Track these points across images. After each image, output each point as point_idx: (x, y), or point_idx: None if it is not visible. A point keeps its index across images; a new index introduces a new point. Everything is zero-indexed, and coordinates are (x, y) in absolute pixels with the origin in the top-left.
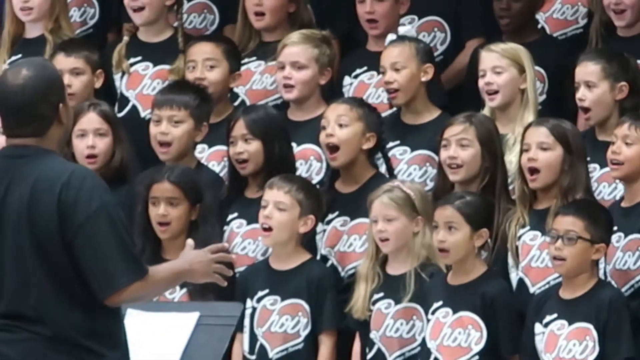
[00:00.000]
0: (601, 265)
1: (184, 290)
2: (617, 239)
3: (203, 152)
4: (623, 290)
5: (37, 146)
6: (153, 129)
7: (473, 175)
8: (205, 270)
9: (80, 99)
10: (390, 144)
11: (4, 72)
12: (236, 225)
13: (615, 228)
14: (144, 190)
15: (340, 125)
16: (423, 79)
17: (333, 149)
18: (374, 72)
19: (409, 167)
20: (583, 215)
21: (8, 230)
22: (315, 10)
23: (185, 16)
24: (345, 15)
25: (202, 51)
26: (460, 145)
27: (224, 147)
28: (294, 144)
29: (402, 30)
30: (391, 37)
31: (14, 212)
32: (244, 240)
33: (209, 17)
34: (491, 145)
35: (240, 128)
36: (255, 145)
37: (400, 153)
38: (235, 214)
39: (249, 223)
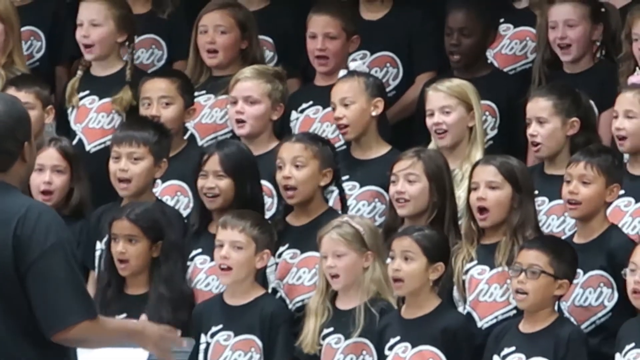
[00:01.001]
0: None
1: None
2: (577, 275)
3: (157, 187)
4: (584, 326)
5: None
6: (112, 166)
7: (421, 210)
8: (156, 342)
9: None
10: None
11: None
12: (200, 262)
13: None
14: (107, 227)
15: (297, 166)
16: (373, 114)
17: (290, 189)
18: (320, 107)
19: (358, 202)
20: (547, 250)
21: None
22: (279, 45)
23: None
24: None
25: (157, 88)
26: (407, 180)
27: (177, 182)
28: None
29: (352, 65)
30: (342, 72)
31: None
32: (207, 277)
33: (157, 52)
34: (440, 181)
35: (213, 163)
36: (226, 182)
37: (349, 188)
38: (199, 250)
39: (212, 259)
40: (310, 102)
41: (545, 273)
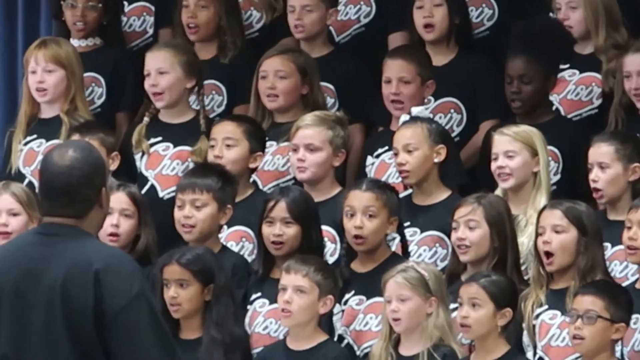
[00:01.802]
0: (618, 348)
1: None
2: (635, 320)
3: (222, 232)
4: None
5: (76, 227)
6: (177, 213)
7: (483, 256)
8: None
9: None
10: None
11: (49, 153)
12: (259, 305)
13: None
14: (159, 272)
15: (369, 216)
16: (435, 160)
17: (361, 238)
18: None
19: (419, 248)
20: (603, 295)
21: (41, 305)
22: (340, 92)
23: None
24: (370, 99)
25: (223, 130)
26: (468, 227)
27: (243, 228)
28: None
29: (414, 111)
30: (404, 117)
31: (47, 289)
32: (265, 320)
33: (217, 98)
34: (501, 226)
35: (280, 210)
36: (294, 229)
37: (410, 234)
38: (259, 294)
39: (271, 303)
40: (386, 148)
41: (602, 318)
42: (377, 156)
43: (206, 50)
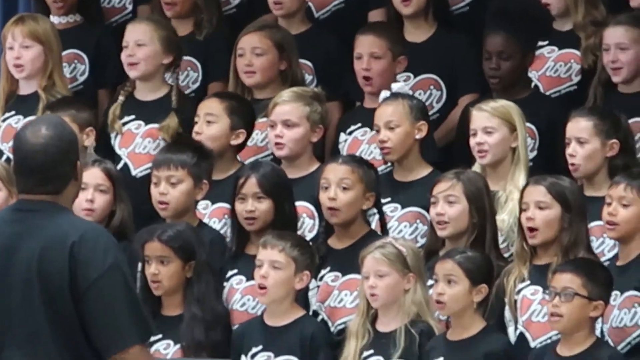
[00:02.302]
0: (598, 325)
1: (178, 346)
2: (614, 297)
3: (207, 209)
4: (619, 347)
5: (53, 203)
6: (153, 190)
7: (461, 232)
8: None
9: None
10: (382, 201)
11: (22, 131)
12: (236, 282)
13: (612, 291)
14: (140, 249)
15: (343, 188)
16: (417, 137)
17: (334, 210)
18: (367, 129)
19: (400, 224)
20: (580, 272)
21: (18, 283)
22: (319, 69)
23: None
24: (348, 75)
25: (206, 106)
26: (447, 202)
27: (226, 205)
28: None
29: (395, 87)
30: (384, 94)
31: (24, 266)
32: (243, 297)
33: (192, 74)
34: (480, 202)
35: (251, 186)
36: (266, 204)
37: (391, 210)
38: (235, 271)
39: (248, 279)
40: (359, 124)
41: (580, 295)
42: (350, 133)
43: (182, 27)
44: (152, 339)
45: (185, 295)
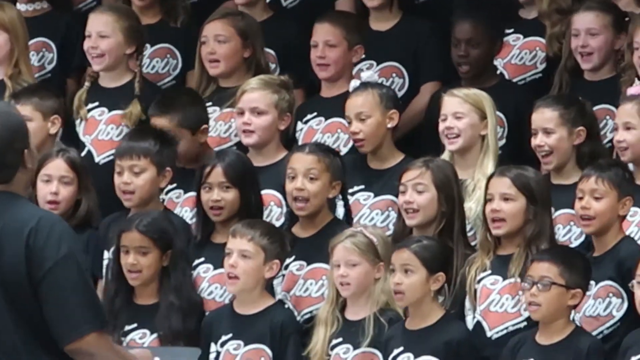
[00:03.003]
0: (571, 315)
1: (155, 335)
2: (589, 287)
3: (180, 198)
4: None
5: (5, 191)
6: (116, 179)
7: (430, 220)
8: None
9: None
10: (355, 188)
11: None
12: (203, 270)
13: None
14: (115, 238)
15: (310, 178)
16: (389, 126)
17: (302, 200)
18: (322, 118)
19: (372, 211)
20: (558, 261)
21: None
22: (282, 57)
23: (147, 60)
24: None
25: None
26: (416, 190)
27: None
28: None
29: (364, 76)
30: (354, 83)
31: None
32: (210, 285)
33: (172, 61)
34: (448, 190)
35: (217, 175)
36: (232, 193)
37: (364, 198)
38: (202, 259)
39: (215, 268)
40: (315, 113)
41: (557, 284)
42: (306, 122)
43: (151, 14)
44: (127, 328)
45: (161, 284)
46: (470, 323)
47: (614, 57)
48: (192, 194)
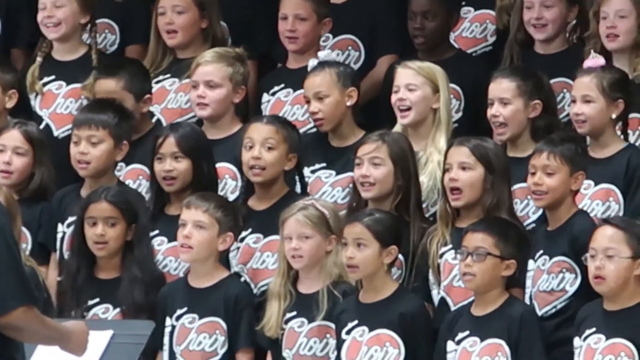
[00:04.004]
0: (527, 290)
1: (118, 310)
2: (543, 262)
3: (121, 170)
4: (544, 310)
5: None
6: (73, 149)
7: (386, 193)
8: (81, 344)
9: None
10: (317, 166)
11: None
12: (157, 243)
13: (541, 251)
14: (80, 210)
15: (267, 148)
16: (348, 104)
17: (258, 168)
18: (290, 90)
19: (333, 189)
20: (492, 231)
21: None
22: (233, 30)
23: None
24: (264, 34)
25: (104, 91)
26: (372, 164)
27: (140, 166)
28: None
29: (322, 55)
30: (312, 63)
31: None
32: (165, 258)
33: (110, 37)
34: (404, 164)
35: (170, 145)
36: (185, 164)
37: (325, 176)
38: (157, 232)
39: (169, 240)
40: (282, 85)
41: (492, 255)
42: (273, 94)
43: None
44: (89, 303)
45: (123, 258)
46: (435, 298)
47: (565, 31)
48: (134, 166)
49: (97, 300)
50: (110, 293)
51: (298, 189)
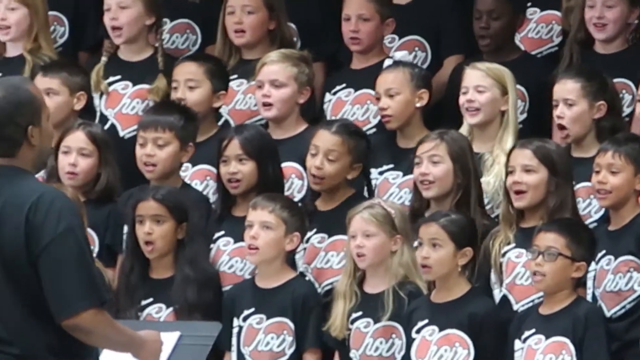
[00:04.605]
0: (589, 291)
1: (171, 309)
2: (607, 262)
3: (187, 171)
4: (614, 311)
5: (9, 166)
6: (139, 151)
7: (446, 192)
8: (154, 354)
9: (52, 120)
10: (384, 167)
11: None
12: (223, 244)
13: (604, 251)
14: (131, 210)
15: (330, 160)
16: (418, 105)
17: (318, 178)
18: (352, 90)
19: (401, 190)
20: (565, 232)
21: None
22: (301, 32)
23: (167, 36)
24: (332, 37)
25: (184, 71)
26: (432, 162)
27: (207, 167)
28: None
29: (397, 55)
30: (387, 62)
31: None
32: (231, 259)
33: (192, 37)
34: (464, 162)
35: (234, 148)
36: (249, 166)
37: (393, 177)
38: (222, 232)
39: (236, 241)
40: (344, 85)
41: (563, 255)
42: (335, 93)
43: None
44: (143, 303)
45: (176, 257)
46: (497, 297)
47: (626, 31)
48: (201, 167)
49: (150, 300)
50: (163, 292)
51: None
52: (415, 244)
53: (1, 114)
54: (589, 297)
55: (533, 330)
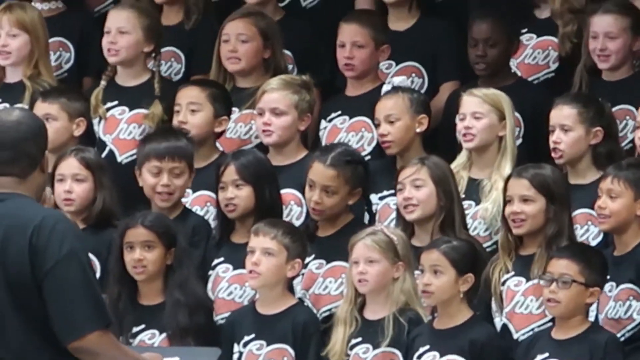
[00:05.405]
0: (592, 313)
1: (164, 335)
2: (610, 288)
3: (187, 197)
4: None
5: (13, 192)
6: (150, 180)
7: (429, 215)
8: None
9: (51, 145)
10: (385, 193)
11: None
12: (222, 270)
13: (607, 277)
14: (118, 237)
15: (328, 192)
16: (417, 130)
17: (319, 210)
18: (347, 117)
19: None
20: (578, 259)
21: None
22: (296, 58)
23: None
24: (327, 63)
25: (187, 95)
26: (414, 186)
27: (207, 193)
28: None
29: (396, 81)
30: (386, 87)
31: None
32: (230, 285)
33: (176, 65)
34: (446, 185)
35: (230, 173)
36: (246, 191)
37: (394, 202)
38: (222, 259)
39: (235, 268)
40: (339, 112)
41: (577, 282)
42: (330, 120)
43: (173, 16)
44: (134, 329)
45: (165, 283)
46: (497, 325)
47: (631, 58)
48: (202, 192)
49: (142, 326)
50: (155, 318)
51: (367, 218)
52: (417, 272)
53: (28, 130)
54: (591, 319)
55: (547, 355)
